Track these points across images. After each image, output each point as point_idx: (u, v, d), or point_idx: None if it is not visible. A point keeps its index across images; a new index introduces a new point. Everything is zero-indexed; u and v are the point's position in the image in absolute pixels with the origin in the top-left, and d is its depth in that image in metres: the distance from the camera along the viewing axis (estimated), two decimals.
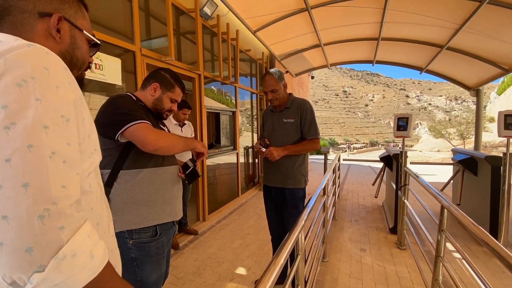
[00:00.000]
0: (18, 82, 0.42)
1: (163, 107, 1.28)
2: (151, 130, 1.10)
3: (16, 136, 0.40)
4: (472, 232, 1.12)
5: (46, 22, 0.56)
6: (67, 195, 0.43)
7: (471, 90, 5.78)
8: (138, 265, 1.13)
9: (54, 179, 0.42)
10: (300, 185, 2.01)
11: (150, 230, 1.16)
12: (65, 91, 0.48)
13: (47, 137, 0.42)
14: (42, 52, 0.47)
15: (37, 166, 0.40)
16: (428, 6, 3.63)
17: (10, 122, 0.40)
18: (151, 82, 1.27)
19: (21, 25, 0.54)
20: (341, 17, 4.30)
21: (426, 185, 1.98)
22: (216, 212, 4.08)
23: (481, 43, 4.19)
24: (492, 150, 15.45)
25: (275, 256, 0.96)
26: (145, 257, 1.14)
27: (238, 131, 4.90)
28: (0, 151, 0.39)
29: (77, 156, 0.49)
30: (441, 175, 8.04)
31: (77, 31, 0.62)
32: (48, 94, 0.44)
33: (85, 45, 0.65)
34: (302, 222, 1.27)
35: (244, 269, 2.53)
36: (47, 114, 0.43)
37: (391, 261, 2.65)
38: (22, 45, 0.45)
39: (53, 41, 0.57)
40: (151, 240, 1.16)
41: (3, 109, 0.40)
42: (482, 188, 3.08)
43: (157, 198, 1.19)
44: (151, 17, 2.84)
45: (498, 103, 22.00)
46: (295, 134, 1.95)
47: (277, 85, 1.93)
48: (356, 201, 5.00)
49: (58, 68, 0.48)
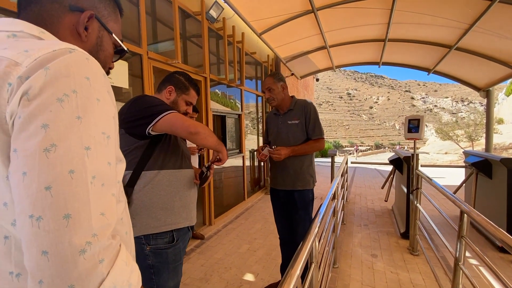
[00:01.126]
0: (59, 96, 0.39)
1: (178, 110, 1.27)
2: (187, 117, 1.09)
3: (57, 160, 0.37)
4: (501, 240, 1.05)
5: (76, 17, 0.53)
6: (107, 224, 0.41)
7: (481, 91, 5.66)
8: (155, 272, 1.10)
9: (95, 207, 0.39)
10: (309, 186, 2.00)
11: (167, 236, 1.13)
12: (105, 104, 0.45)
13: (89, 160, 0.40)
14: (83, 58, 0.44)
15: (79, 194, 0.38)
16: (437, 6, 3.57)
17: (50, 144, 0.37)
18: (167, 85, 1.28)
19: (47, 15, 0.51)
20: (347, 19, 4.25)
21: (442, 188, 1.91)
22: (222, 216, 4.03)
23: (492, 43, 4.10)
24: (502, 152, 15.15)
25: (290, 266, 0.91)
26: (163, 264, 1.11)
27: (244, 134, 4.86)
28: (40, 176, 0.36)
29: (115, 174, 0.46)
30: (450, 178, 7.87)
31: (105, 33, 0.59)
32: (89, 110, 0.41)
33: (111, 49, 0.61)
34: (315, 229, 1.22)
35: (252, 275, 2.47)
36: (88, 133, 0.40)
37: (404, 267, 2.56)
38: (63, 51, 0.42)
39: (78, 39, 0.54)
40: (168, 247, 1.13)
41: (43, 128, 0.37)
42: (497, 191, 2.97)
43: (175, 201, 1.17)
44: (157, 21, 2.83)
45: (506, 104, 21.65)
46: (301, 135, 1.95)
47: (274, 84, 1.94)
48: (365, 205, 4.90)
49: (98, 76, 0.45)
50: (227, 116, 4.35)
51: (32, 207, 0.35)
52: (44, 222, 0.35)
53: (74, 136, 0.39)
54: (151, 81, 2.61)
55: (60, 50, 0.41)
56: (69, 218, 0.36)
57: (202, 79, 3.54)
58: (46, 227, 0.35)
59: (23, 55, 0.40)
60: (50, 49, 0.41)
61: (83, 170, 0.39)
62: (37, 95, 0.38)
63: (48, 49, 0.41)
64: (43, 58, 0.40)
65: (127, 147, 1.10)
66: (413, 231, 2.82)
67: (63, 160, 0.37)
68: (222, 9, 3.59)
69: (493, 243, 2.98)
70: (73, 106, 0.39)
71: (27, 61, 0.39)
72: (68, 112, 0.39)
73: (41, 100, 0.38)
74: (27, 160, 0.36)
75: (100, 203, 0.40)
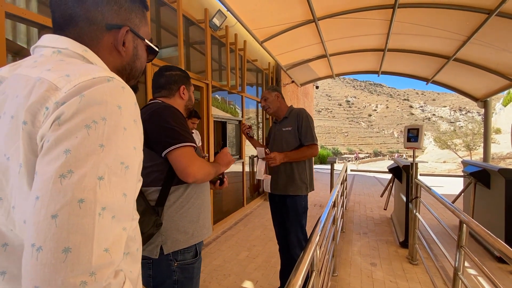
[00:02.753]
0: (88, 123, 0.39)
1: (192, 103, 1.34)
2: (194, 158, 1.07)
3: (68, 187, 0.36)
4: (500, 250, 1.06)
5: (113, 35, 0.53)
6: (109, 262, 0.37)
7: (478, 101, 5.72)
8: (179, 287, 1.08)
9: (98, 241, 0.36)
10: (302, 192, 2.03)
11: (192, 250, 1.12)
12: (131, 133, 0.44)
13: (100, 190, 0.38)
14: (119, 86, 0.44)
15: (84, 226, 0.36)
16: (435, 18, 3.64)
17: (67, 170, 0.36)
18: (177, 87, 1.25)
19: (88, 38, 0.51)
20: (347, 29, 4.33)
21: (441, 198, 1.93)
22: (221, 222, 4.01)
23: (489, 55, 4.17)
24: (500, 161, 15.21)
25: (292, 275, 0.92)
26: (188, 279, 1.10)
27: (244, 140, 4.88)
28: (49, 203, 0.35)
29: (131, 207, 0.44)
30: (448, 187, 7.89)
31: (139, 41, 0.59)
32: (113, 138, 0.41)
33: (145, 54, 0.62)
34: (317, 237, 1.22)
35: (251, 282, 2.46)
36: (105, 162, 0.39)
37: (403, 277, 2.56)
38: (102, 79, 0.42)
39: (117, 55, 0.55)
40: (194, 261, 1.12)
41: (65, 154, 0.37)
42: (495, 201, 2.99)
43: (200, 213, 1.16)
44: (161, 28, 2.88)
45: (503, 114, 21.84)
46: (294, 142, 2.03)
47: (269, 94, 2.12)
48: (364, 213, 4.90)
49: (129, 105, 0.45)
50: (228, 122, 4.37)
51: (36, 236, 0.34)
52: (43, 254, 0.34)
53: (92, 164, 0.38)
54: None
55: (99, 78, 0.42)
56: (68, 252, 0.34)
57: (204, 85, 3.58)
58: (43, 260, 0.33)
59: (64, 79, 0.40)
60: (90, 76, 0.42)
61: (93, 200, 0.37)
62: (68, 120, 0.38)
63: (88, 75, 0.42)
64: (82, 85, 0.40)
65: (152, 162, 1.07)
66: (412, 240, 2.82)
67: (75, 188, 0.36)
68: (225, 17, 3.65)
69: (491, 253, 2.99)
70: (99, 133, 0.39)
71: (67, 86, 0.40)
72: (92, 139, 0.38)
73: (70, 125, 0.38)
74: (42, 185, 0.36)
75: (106, 237, 0.38)
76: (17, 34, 1.69)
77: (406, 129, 2.98)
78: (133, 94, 0.48)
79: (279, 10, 3.67)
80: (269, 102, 2.11)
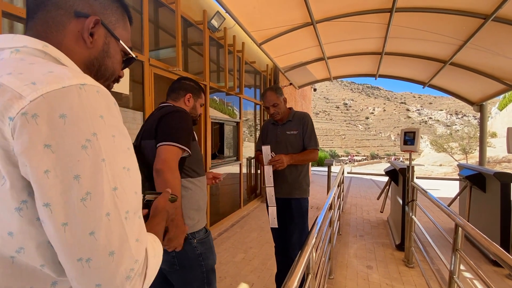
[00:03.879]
0: (83, 144, 0.39)
1: (196, 114, 1.45)
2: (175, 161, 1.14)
3: (94, 207, 0.39)
4: (495, 254, 1.06)
5: (81, 23, 0.52)
6: (142, 248, 0.45)
7: (474, 105, 5.78)
8: (204, 258, 1.29)
9: (131, 237, 0.43)
10: (306, 194, 2.06)
11: (202, 229, 1.34)
12: (120, 138, 0.45)
13: (119, 199, 0.42)
14: (94, 92, 0.43)
15: (117, 232, 0.41)
16: (432, 23, 3.68)
17: (86, 193, 0.39)
18: (184, 93, 1.40)
19: (53, 22, 0.50)
20: (345, 32, 4.35)
21: (437, 201, 1.93)
22: (217, 224, 3.99)
23: (485, 59, 4.22)
24: (495, 165, 15.34)
25: (288, 277, 0.91)
26: (208, 249, 1.32)
27: (241, 141, 4.88)
28: (83, 225, 0.39)
29: (140, 198, 0.49)
30: (444, 190, 7.93)
31: (112, 40, 0.57)
32: (109, 149, 0.42)
33: (118, 56, 0.60)
34: (313, 239, 1.22)
35: (247, 285, 2.45)
36: (113, 173, 0.42)
37: (399, 279, 2.56)
38: (74, 88, 0.40)
39: (83, 45, 0.53)
40: (207, 236, 1.34)
41: (76, 179, 0.39)
42: (491, 204, 3.01)
43: (203, 204, 1.36)
44: (160, 29, 2.88)
45: (499, 118, 22.05)
46: (299, 146, 2.04)
47: (278, 99, 2.04)
48: (360, 215, 4.91)
49: (110, 110, 0.45)
50: (226, 123, 4.37)
51: (80, 252, 0.39)
52: (94, 262, 0.39)
53: (103, 179, 0.41)
54: (151, 87, 2.63)
55: (69, 87, 0.40)
56: (114, 254, 0.40)
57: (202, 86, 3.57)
58: (95, 264, 0.39)
59: (29, 88, 0.38)
60: (60, 85, 0.39)
61: (116, 210, 0.42)
62: (60, 145, 0.38)
63: (57, 84, 0.39)
64: (51, 96, 0.38)
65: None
66: (408, 243, 2.83)
67: (99, 205, 0.40)
68: (224, 19, 3.66)
69: (487, 257, 3.00)
70: (97, 149, 0.40)
71: (32, 95, 0.38)
72: (93, 158, 0.40)
73: (66, 151, 0.38)
74: (67, 211, 0.38)
75: (135, 231, 0.44)
76: (15, 33, 1.68)
77: (403, 132, 3.00)
78: (108, 94, 0.46)
79: (278, 13, 3.68)
80: (278, 109, 2.04)
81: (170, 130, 1.17)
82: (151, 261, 0.48)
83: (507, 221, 2.68)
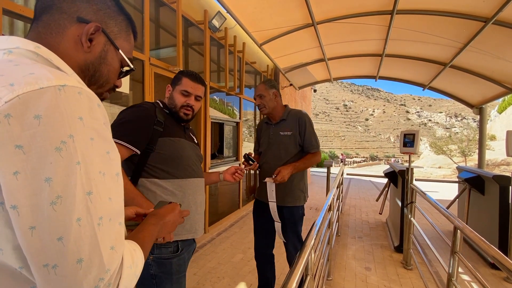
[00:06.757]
0: (57, 146, 0.38)
1: (175, 104, 1.23)
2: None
3: (64, 211, 0.38)
4: (493, 257, 1.06)
5: (82, 28, 0.53)
6: (117, 256, 0.44)
7: (474, 108, 5.79)
8: (158, 283, 1.06)
9: (104, 245, 0.41)
10: (300, 202, 1.91)
11: (171, 246, 1.10)
12: (99, 141, 0.44)
13: (92, 204, 0.41)
14: (74, 94, 0.41)
15: (88, 239, 0.40)
16: (433, 25, 3.69)
17: (56, 196, 0.37)
18: (167, 87, 1.29)
19: (54, 25, 0.51)
20: (346, 33, 4.36)
21: (436, 203, 1.94)
22: (216, 224, 3.99)
23: (485, 62, 4.23)
24: (494, 168, 15.37)
25: (286, 279, 0.91)
26: (166, 274, 1.07)
27: (241, 141, 4.88)
28: (50, 229, 0.37)
29: (121, 205, 0.48)
30: (443, 192, 7.94)
31: (112, 48, 0.58)
32: (85, 152, 0.41)
33: (116, 65, 0.60)
34: (312, 240, 1.22)
35: (245, 285, 2.44)
36: (88, 176, 0.41)
37: (397, 282, 2.56)
38: (52, 89, 0.39)
39: (80, 49, 0.53)
40: (172, 256, 1.09)
41: (47, 182, 0.37)
42: (489, 207, 3.01)
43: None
44: (160, 28, 2.88)
45: (498, 121, 22.10)
46: (293, 148, 1.86)
47: (266, 91, 1.87)
48: (359, 217, 4.91)
49: (92, 111, 0.44)
50: (225, 123, 4.37)
51: (46, 257, 0.37)
52: (60, 268, 0.38)
53: (76, 183, 0.39)
54: (151, 86, 2.63)
55: (47, 88, 0.39)
56: (82, 262, 0.39)
57: None
58: (62, 272, 0.38)
59: (7, 89, 0.38)
60: (37, 86, 0.38)
61: (88, 216, 0.40)
62: (33, 146, 0.37)
63: (35, 85, 0.38)
64: (27, 97, 0.37)
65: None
66: (407, 245, 2.83)
67: (69, 210, 0.38)
68: (225, 19, 3.66)
69: (485, 260, 3.00)
70: (72, 152, 0.39)
71: (8, 96, 0.37)
72: (67, 161, 0.38)
73: (38, 152, 0.37)
74: (35, 215, 0.37)
75: (109, 238, 0.42)
76: (15, 31, 1.67)
77: (402, 134, 3.00)
78: (93, 96, 0.45)
79: (279, 13, 3.69)
80: (265, 101, 1.87)
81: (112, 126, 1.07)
82: (126, 272, 0.46)
83: (506, 224, 2.68)
